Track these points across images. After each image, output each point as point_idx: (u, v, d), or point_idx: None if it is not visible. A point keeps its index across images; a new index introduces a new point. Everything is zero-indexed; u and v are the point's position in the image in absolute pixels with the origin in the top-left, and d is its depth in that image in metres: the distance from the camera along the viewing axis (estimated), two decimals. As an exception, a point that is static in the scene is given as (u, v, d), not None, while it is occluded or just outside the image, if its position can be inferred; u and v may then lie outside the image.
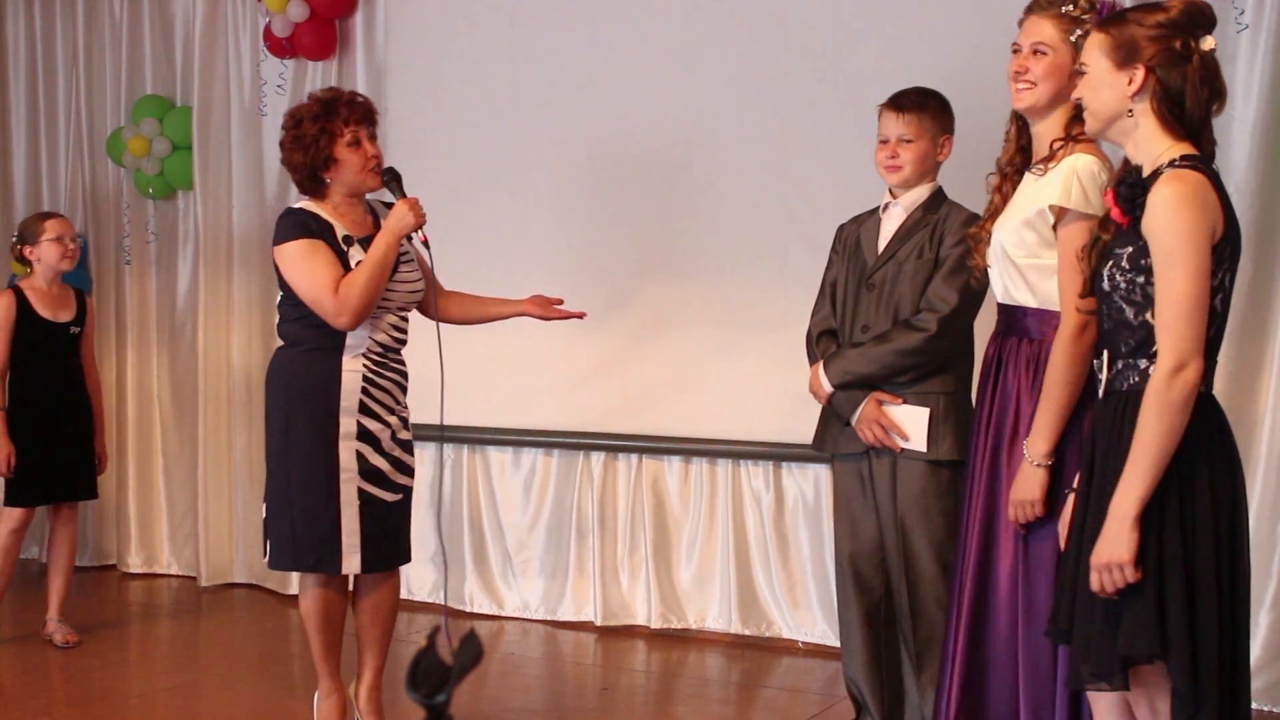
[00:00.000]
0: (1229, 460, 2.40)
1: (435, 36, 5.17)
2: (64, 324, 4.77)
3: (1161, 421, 2.29)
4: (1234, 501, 2.37)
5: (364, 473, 3.58)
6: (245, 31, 5.57)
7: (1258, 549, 3.92)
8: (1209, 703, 2.30)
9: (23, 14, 6.13)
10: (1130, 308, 2.39)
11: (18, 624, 4.91)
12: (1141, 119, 2.42)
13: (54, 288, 4.79)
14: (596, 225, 4.93)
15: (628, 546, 4.98)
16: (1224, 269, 2.36)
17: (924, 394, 3.35)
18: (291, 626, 5.18)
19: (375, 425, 3.59)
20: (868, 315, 3.44)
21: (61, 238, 4.74)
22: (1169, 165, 2.37)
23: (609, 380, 4.92)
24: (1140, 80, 2.40)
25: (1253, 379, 4.01)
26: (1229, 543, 2.35)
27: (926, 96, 3.46)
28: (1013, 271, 2.88)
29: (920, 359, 3.34)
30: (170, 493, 5.89)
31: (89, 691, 4.36)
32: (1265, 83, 3.96)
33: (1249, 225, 3.95)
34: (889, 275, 3.43)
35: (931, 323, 3.33)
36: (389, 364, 3.64)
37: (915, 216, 3.44)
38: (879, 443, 3.37)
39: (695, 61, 4.74)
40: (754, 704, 4.34)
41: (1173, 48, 2.39)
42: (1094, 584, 2.36)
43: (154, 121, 5.68)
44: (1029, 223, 2.82)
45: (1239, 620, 2.37)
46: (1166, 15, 2.42)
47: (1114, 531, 2.32)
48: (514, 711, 4.11)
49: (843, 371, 3.41)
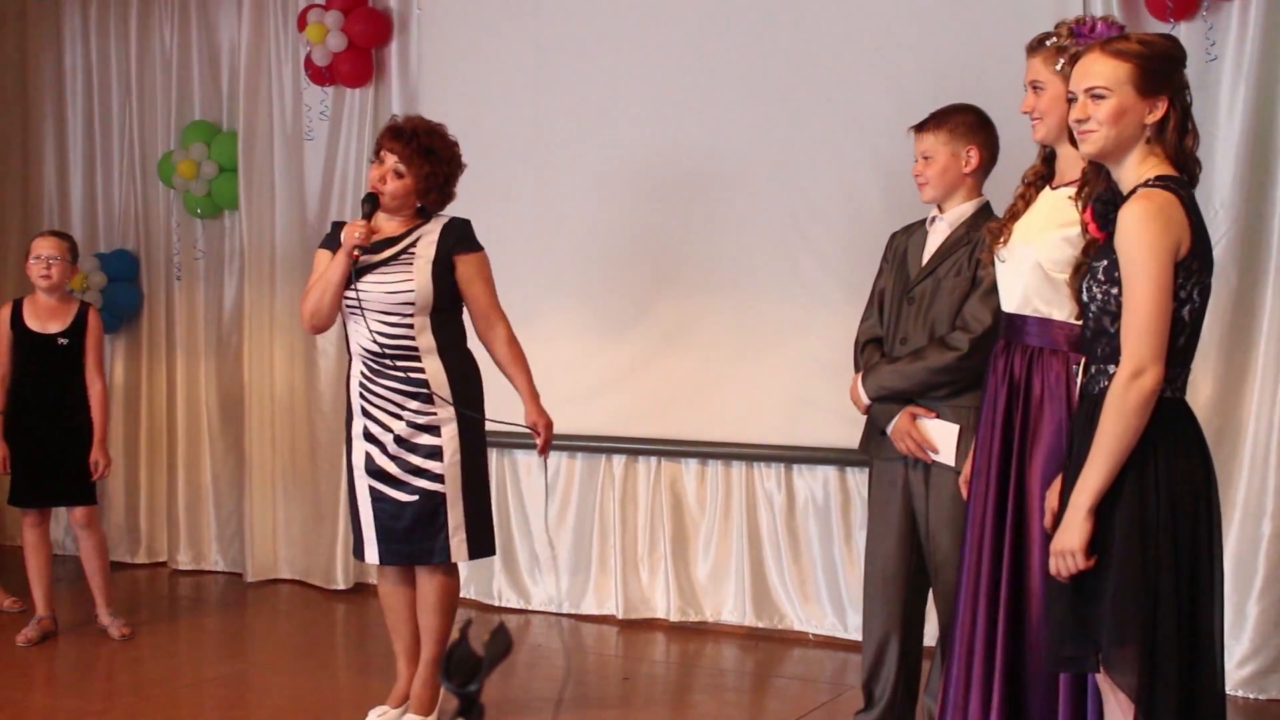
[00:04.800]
0: (1193, 460, 2.39)
1: (465, 64, 5.18)
2: (51, 335, 4.66)
3: (1118, 423, 2.31)
4: (1196, 499, 2.37)
5: (371, 471, 3.62)
6: (287, 61, 5.57)
7: (1244, 544, 3.95)
8: (1167, 691, 2.30)
9: (80, 44, 6.16)
10: (1106, 317, 2.40)
11: (77, 618, 4.92)
12: (1141, 144, 2.41)
13: (52, 300, 4.69)
14: (618, 242, 4.92)
15: (647, 544, 4.96)
16: (1191, 282, 2.34)
17: (957, 408, 3.27)
18: (334, 619, 5.20)
19: (377, 429, 3.60)
20: (906, 328, 3.37)
21: (37, 257, 4.63)
22: (1143, 184, 2.37)
23: (629, 387, 4.91)
24: (1163, 108, 2.39)
25: (1239, 385, 3.99)
26: (1189, 539, 2.34)
27: (947, 113, 3.37)
28: (1044, 284, 2.82)
29: (952, 376, 3.27)
30: (217, 494, 5.87)
31: (143, 680, 4.37)
32: (1248, 107, 3.94)
33: (1233, 241, 3.95)
34: (928, 290, 3.34)
35: (964, 343, 3.25)
36: (386, 369, 3.59)
37: (959, 233, 3.33)
38: (912, 454, 3.32)
39: (710, 87, 4.73)
40: (767, 693, 4.32)
41: (1184, 78, 2.41)
42: (1051, 568, 2.41)
43: (202, 146, 5.68)
44: (1070, 241, 2.74)
45: (1199, 612, 2.36)
46: (1168, 46, 2.42)
47: (1069, 520, 2.36)
48: (540, 700, 4.10)
49: (878, 386, 3.36)
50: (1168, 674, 2.31)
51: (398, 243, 3.63)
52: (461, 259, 3.64)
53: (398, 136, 3.64)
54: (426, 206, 3.71)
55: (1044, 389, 2.83)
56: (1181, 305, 2.34)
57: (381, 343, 3.59)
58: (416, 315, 3.59)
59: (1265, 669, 3.94)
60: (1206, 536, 2.38)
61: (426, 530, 3.61)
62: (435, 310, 3.61)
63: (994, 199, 3.32)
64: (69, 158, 6.22)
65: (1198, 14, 3.93)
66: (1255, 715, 3.85)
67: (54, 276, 4.66)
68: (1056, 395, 2.80)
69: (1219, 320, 3.91)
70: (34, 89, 6.26)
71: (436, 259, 3.61)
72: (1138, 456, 2.33)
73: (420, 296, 3.57)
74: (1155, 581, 2.32)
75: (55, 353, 4.68)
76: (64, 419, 4.68)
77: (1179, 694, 2.32)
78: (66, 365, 4.70)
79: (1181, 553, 2.34)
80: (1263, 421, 3.96)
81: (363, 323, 3.58)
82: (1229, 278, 3.94)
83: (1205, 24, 3.91)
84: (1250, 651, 3.92)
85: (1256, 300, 3.99)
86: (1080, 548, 2.34)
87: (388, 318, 3.59)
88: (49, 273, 4.65)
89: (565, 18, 5.00)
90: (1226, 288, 3.93)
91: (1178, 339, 2.34)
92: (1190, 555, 2.35)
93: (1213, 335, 3.90)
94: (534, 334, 4.98)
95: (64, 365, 4.69)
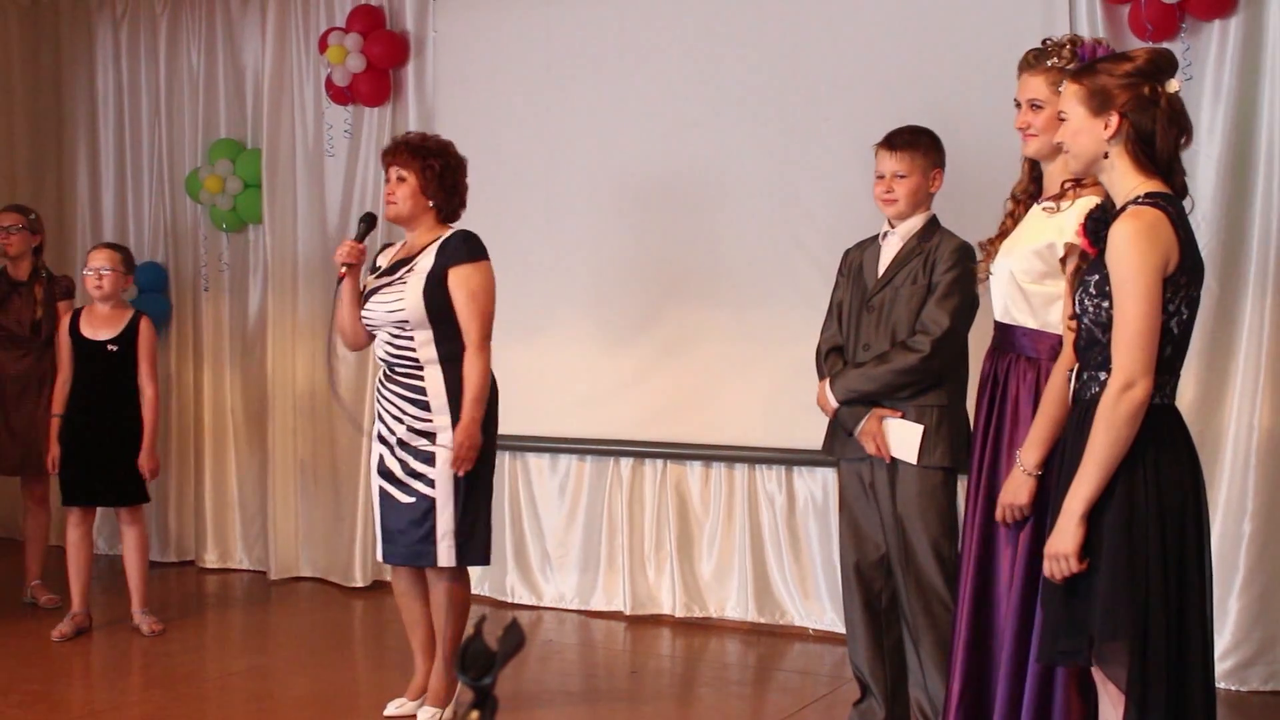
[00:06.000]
0: (1182, 466, 2.40)
1: (479, 83, 5.20)
2: (101, 342, 4.71)
3: (1109, 433, 2.33)
4: (1184, 500, 2.38)
5: (381, 472, 3.66)
6: (309, 81, 5.60)
7: (1226, 543, 3.96)
8: (1157, 683, 2.32)
9: (112, 67, 6.20)
10: (1098, 328, 2.42)
11: (109, 615, 4.94)
12: (1116, 160, 2.44)
13: (106, 308, 4.74)
14: (625, 253, 4.94)
15: (654, 543, 4.98)
16: (1179, 297, 2.37)
17: (922, 407, 3.35)
18: (353, 616, 5.22)
19: (385, 431, 3.65)
20: (868, 335, 3.44)
21: (90, 269, 4.70)
22: (1133, 202, 2.39)
23: (637, 393, 4.92)
24: (1115, 125, 2.42)
25: (1220, 390, 4.01)
26: (1178, 538, 2.36)
27: (918, 134, 3.45)
28: (1018, 295, 2.89)
29: (915, 377, 3.34)
30: (242, 495, 5.88)
31: (172, 673, 4.40)
32: (1229, 125, 3.97)
33: (1214, 252, 3.96)
34: (887, 299, 3.42)
35: (925, 344, 3.33)
36: (391, 377, 3.64)
37: (911, 244, 3.43)
38: (878, 453, 3.39)
39: (712, 107, 4.76)
40: (769, 685, 4.33)
41: (1142, 94, 2.41)
42: (1045, 571, 2.43)
43: (227, 162, 5.71)
44: (1039, 253, 2.83)
45: (1188, 608, 2.37)
46: (1134, 64, 2.44)
47: (1062, 526, 2.38)
48: (552, 692, 4.11)
49: (846, 389, 3.42)
50: (1158, 667, 2.32)
51: (410, 261, 3.66)
52: (453, 270, 3.58)
53: (390, 151, 3.73)
54: (440, 207, 3.69)
55: (1019, 393, 2.89)
56: (1170, 318, 2.35)
57: (390, 354, 3.64)
58: (415, 330, 3.58)
59: (1246, 661, 3.96)
60: (1195, 535, 2.39)
61: (418, 533, 3.60)
62: (435, 325, 3.57)
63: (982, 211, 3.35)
64: (101, 174, 6.25)
65: (1177, 35, 3.95)
66: (1237, 706, 3.86)
67: (106, 287, 4.71)
68: (1033, 399, 2.84)
69: (1201, 328, 3.92)
70: (68, 110, 6.31)
71: (430, 274, 3.58)
72: (1128, 460, 2.35)
73: (412, 314, 3.56)
74: (1145, 578, 2.33)
75: (105, 359, 4.72)
76: (112, 422, 4.71)
77: (1169, 686, 2.33)
78: (115, 371, 4.72)
79: (1170, 551, 2.35)
80: (1243, 425, 3.98)
81: (378, 335, 3.67)
82: (1210, 287, 3.94)
83: (1184, 45, 3.93)
84: (1232, 645, 3.94)
85: (1237, 308, 4.01)
86: (1074, 552, 2.36)
87: (394, 332, 3.62)
88: (101, 283, 4.70)
89: (574, 41, 5.02)
90: (1208, 297, 3.92)
91: (1165, 349, 2.36)
92: (1179, 553, 2.36)
93: (1195, 342, 3.83)
94: (545, 343, 5.05)
95: (113, 371, 4.72)
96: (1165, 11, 3.92)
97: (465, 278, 3.58)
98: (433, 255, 3.62)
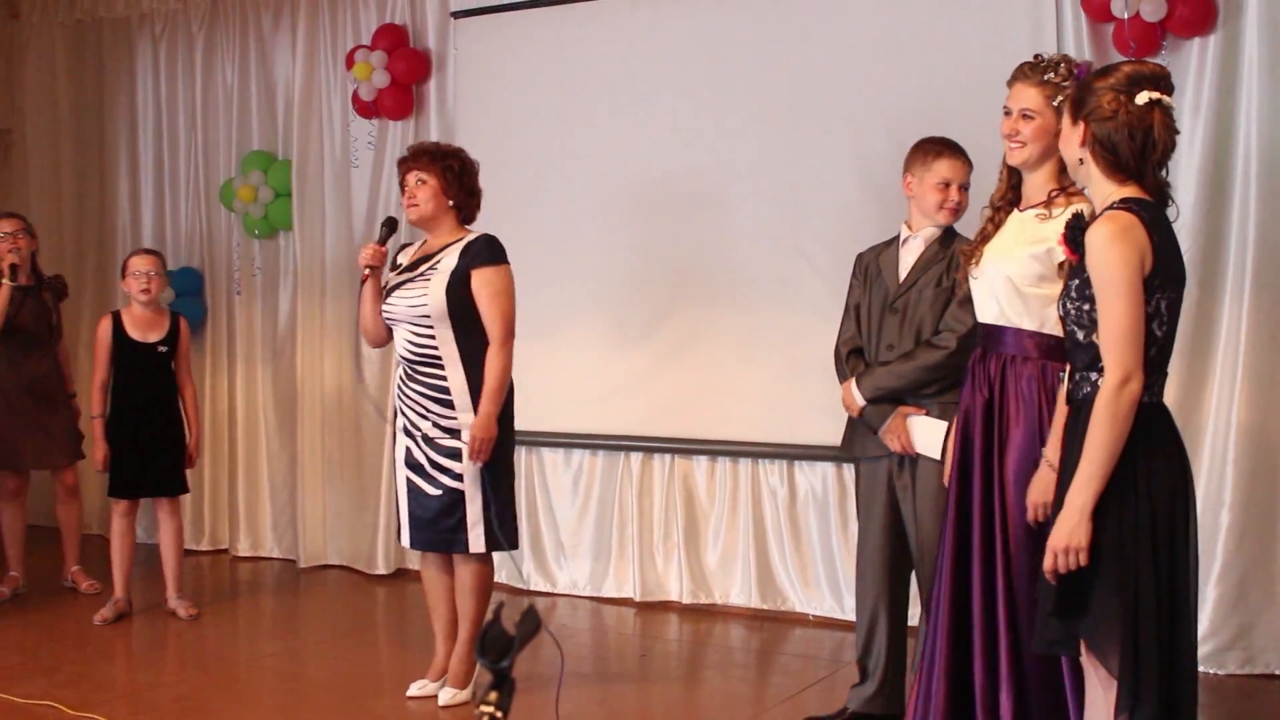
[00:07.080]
0: (1172, 462, 2.40)
1: (497, 98, 5.24)
2: (152, 344, 4.76)
3: (1111, 429, 2.31)
4: (1173, 501, 2.36)
5: (409, 464, 3.68)
6: (336, 96, 5.64)
7: (1204, 534, 3.93)
8: (1149, 669, 2.33)
9: (150, 82, 6.27)
10: (1080, 330, 2.42)
11: (146, 600, 4.98)
12: (1090, 167, 2.46)
13: (148, 311, 4.79)
14: (635, 259, 4.97)
15: (662, 533, 5.00)
16: (1157, 297, 2.35)
17: (945, 404, 3.32)
18: (376, 601, 5.26)
19: (411, 426, 3.67)
20: (892, 335, 3.43)
21: (136, 273, 4.74)
22: (1109, 207, 2.41)
23: (646, 391, 4.95)
24: (1083, 133, 2.45)
25: (1199, 389, 4.04)
26: (1168, 532, 2.35)
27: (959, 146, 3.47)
28: (1015, 298, 2.88)
29: (942, 373, 3.34)
30: (273, 488, 5.91)
31: (207, 656, 4.46)
32: (1208, 137, 4.01)
33: (1194, 258, 3.96)
34: (911, 300, 3.41)
35: (952, 341, 3.32)
36: (413, 375, 3.64)
37: (932, 250, 3.42)
38: (903, 450, 3.38)
39: (720, 119, 4.79)
40: (771, 668, 4.36)
41: (1103, 104, 2.42)
42: (1047, 565, 2.38)
43: (259, 173, 5.76)
44: (1037, 258, 2.83)
45: (1177, 598, 2.36)
46: (1111, 77, 2.46)
47: (1072, 521, 2.34)
48: (565, 675, 4.09)
49: (874, 387, 3.40)
50: (1149, 654, 2.32)
51: (431, 258, 3.69)
52: (476, 272, 3.60)
53: (408, 157, 3.77)
54: (460, 206, 3.72)
55: (1017, 392, 2.87)
56: (1150, 320, 2.34)
57: (412, 351, 3.65)
58: (437, 327, 3.60)
59: (1223, 646, 4.00)
60: (1184, 529, 2.38)
61: (448, 522, 3.64)
62: (456, 322, 3.59)
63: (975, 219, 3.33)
64: (140, 185, 6.32)
65: (1159, 52, 3.99)
66: (1214, 688, 3.88)
67: (153, 290, 4.78)
68: (1028, 398, 2.85)
69: (1181, 329, 3.84)
70: (110, 124, 6.39)
71: (454, 273, 3.60)
72: (1121, 455, 2.33)
73: (434, 309, 3.58)
74: (1136, 571, 2.32)
75: (155, 360, 4.79)
76: (162, 419, 4.79)
77: (1159, 672, 2.33)
78: (163, 371, 4.81)
79: (1160, 544, 2.34)
80: (1221, 422, 4.01)
81: (398, 332, 3.69)
82: (1190, 290, 3.89)
83: (1165, 61, 3.98)
84: (1209, 630, 3.97)
85: (1215, 311, 4.04)
86: (1085, 546, 2.32)
87: (415, 328, 3.63)
88: (149, 287, 4.75)
89: (586, 59, 5.06)
90: (1188, 299, 3.85)
91: (1150, 350, 2.34)
92: (1168, 546, 2.35)
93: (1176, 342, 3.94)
94: (560, 343, 5.09)
95: (162, 371, 4.81)
96: (1147, 29, 3.96)
97: (488, 280, 3.62)
98: (456, 255, 3.65)
